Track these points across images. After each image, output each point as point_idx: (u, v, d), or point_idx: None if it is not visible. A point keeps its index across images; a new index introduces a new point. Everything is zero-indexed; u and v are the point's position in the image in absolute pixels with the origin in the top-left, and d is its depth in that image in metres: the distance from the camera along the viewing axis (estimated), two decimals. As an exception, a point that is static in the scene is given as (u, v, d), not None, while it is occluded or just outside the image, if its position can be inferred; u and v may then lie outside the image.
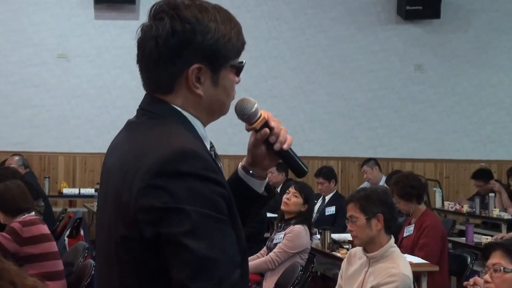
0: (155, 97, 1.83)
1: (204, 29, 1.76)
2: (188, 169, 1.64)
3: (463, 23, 12.09)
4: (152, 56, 1.79)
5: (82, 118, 11.13)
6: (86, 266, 5.32)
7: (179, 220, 1.61)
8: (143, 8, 11.27)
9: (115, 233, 1.73)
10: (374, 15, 11.87)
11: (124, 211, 1.68)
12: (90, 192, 10.17)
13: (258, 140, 1.93)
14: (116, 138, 1.92)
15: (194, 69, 1.76)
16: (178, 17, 1.76)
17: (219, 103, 1.83)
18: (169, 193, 1.62)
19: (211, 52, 1.76)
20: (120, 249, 1.72)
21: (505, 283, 3.14)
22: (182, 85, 1.79)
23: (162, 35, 1.76)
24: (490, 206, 8.87)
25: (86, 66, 11.18)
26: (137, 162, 1.69)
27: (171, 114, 1.79)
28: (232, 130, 11.28)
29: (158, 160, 1.65)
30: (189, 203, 1.62)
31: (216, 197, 1.66)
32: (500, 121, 12.04)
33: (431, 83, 12.05)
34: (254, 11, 11.56)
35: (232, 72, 1.83)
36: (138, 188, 1.65)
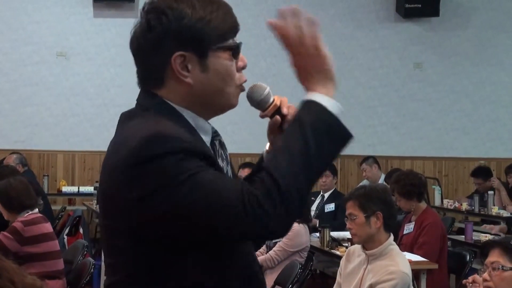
0: (147, 90, 1.85)
1: (178, 15, 1.76)
2: (158, 150, 1.66)
3: (462, 21, 12.09)
4: (138, 53, 1.84)
5: (81, 116, 11.13)
6: (85, 264, 5.32)
7: (171, 192, 1.65)
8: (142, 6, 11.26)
9: (105, 221, 1.81)
10: (373, 13, 11.87)
11: (110, 203, 1.75)
12: (89, 190, 10.17)
13: (272, 127, 1.90)
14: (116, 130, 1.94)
15: (176, 57, 1.76)
16: (153, 10, 1.79)
17: (214, 89, 1.80)
18: (150, 177, 1.66)
19: (190, 37, 1.75)
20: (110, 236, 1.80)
21: (503, 282, 3.14)
22: (171, 76, 1.79)
23: (141, 32, 1.81)
24: (489, 204, 8.87)
25: (85, 64, 11.18)
26: (115, 155, 1.74)
27: (157, 106, 1.80)
28: (231, 128, 11.28)
29: (130, 150, 1.68)
30: (170, 174, 1.65)
31: (194, 157, 1.68)
32: (500, 119, 12.04)
33: (430, 81, 12.06)
34: (253, 9, 11.56)
35: (225, 54, 1.80)
36: (121, 181, 1.69)
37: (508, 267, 3.12)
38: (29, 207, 5.17)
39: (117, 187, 1.71)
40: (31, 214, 5.15)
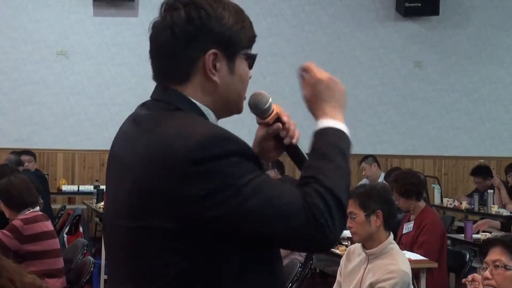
0: (169, 87, 1.81)
1: (218, 15, 1.77)
2: (221, 150, 1.66)
3: (462, 20, 12.09)
4: (168, 45, 1.79)
5: (81, 115, 11.13)
6: (85, 263, 5.32)
7: (236, 192, 1.64)
8: (142, 5, 11.27)
9: (136, 224, 1.71)
10: (373, 12, 11.87)
11: (158, 202, 1.67)
12: (89, 189, 10.17)
13: (270, 134, 1.93)
14: (123, 130, 1.89)
15: (211, 54, 1.77)
16: (194, 4, 1.78)
17: (236, 93, 1.83)
18: (210, 177, 1.64)
19: (226, 37, 1.78)
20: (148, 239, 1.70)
21: (506, 280, 3.10)
22: (198, 73, 1.79)
23: (177, 23, 1.77)
24: (489, 202, 8.86)
25: (86, 63, 11.18)
26: (165, 156, 1.67)
27: (188, 105, 1.79)
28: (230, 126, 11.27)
29: (190, 148, 1.65)
30: (235, 175, 1.65)
31: (250, 162, 1.70)
32: (500, 118, 12.05)
33: (430, 79, 12.06)
34: (253, 8, 11.54)
35: (246, 62, 1.84)
36: (177, 179, 1.65)
37: (511, 266, 3.09)
38: (30, 205, 5.17)
39: (172, 185, 1.65)
40: (32, 212, 5.15)
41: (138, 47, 11.27)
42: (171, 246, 1.68)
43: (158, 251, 1.69)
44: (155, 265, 1.70)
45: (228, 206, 1.64)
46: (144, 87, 12.94)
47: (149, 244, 1.70)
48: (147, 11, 11.29)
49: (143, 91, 11.77)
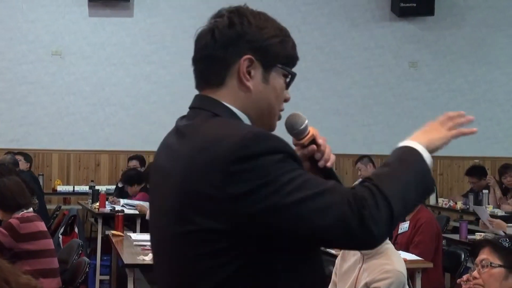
0: (205, 95, 1.87)
1: (260, 25, 1.85)
2: (261, 149, 1.69)
3: (457, 20, 12.10)
4: (208, 47, 1.86)
5: (76, 115, 11.12)
6: (80, 264, 5.32)
7: (277, 188, 1.66)
8: (138, 5, 11.27)
9: (185, 228, 1.74)
10: (368, 12, 11.88)
11: (206, 205, 1.70)
12: (84, 189, 10.16)
13: (304, 155, 1.94)
14: (166, 142, 1.94)
15: (246, 59, 1.82)
16: (238, 13, 1.87)
17: (268, 104, 1.86)
18: (253, 174, 1.66)
19: (263, 47, 1.83)
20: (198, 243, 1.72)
21: (491, 278, 3.18)
22: (233, 77, 1.83)
23: (219, 26, 1.85)
24: (484, 203, 8.88)
25: (81, 63, 11.17)
26: (207, 158, 1.71)
27: (224, 111, 1.83)
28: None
29: (230, 148, 1.68)
30: (275, 171, 1.67)
31: (292, 158, 1.73)
32: (495, 118, 12.06)
33: (425, 80, 12.07)
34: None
35: (283, 78, 1.88)
36: (221, 179, 1.68)
37: (497, 264, 3.16)
38: (23, 206, 5.16)
39: (217, 185, 1.68)
40: (26, 213, 5.15)
41: (134, 47, 11.27)
42: (221, 246, 1.71)
43: (209, 253, 1.72)
44: (206, 267, 1.73)
45: (271, 202, 1.66)
46: (139, 87, 13.01)
47: (199, 246, 1.72)
48: (142, 12, 11.29)
49: (138, 91, 11.83)
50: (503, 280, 3.17)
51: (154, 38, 11.31)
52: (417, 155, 1.81)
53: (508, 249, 3.19)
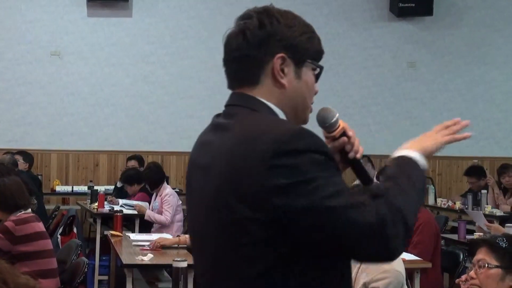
0: (242, 93, 1.92)
1: (289, 23, 1.93)
2: (304, 145, 1.74)
3: (456, 20, 12.11)
4: (240, 48, 1.91)
5: (75, 115, 11.12)
6: (79, 264, 5.31)
7: (314, 188, 1.71)
8: (136, 6, 11.26)
9: (226, 218, 1.79)
10: (367, 12, 11.88)
11: (246, 196, 1.75)
12: (83, 189, 10.16)
13: (336, 147, 2.00)
14: (203, 139, 1.98)
15: (279, 58, 1.88)
16: (266, 13, 1.93)
17: (302, 98, 1.94)
18: (294, 169, 1.72)
19: (293, 44, 1.90)
20: (239, 233, 1.78)
21: (489, 279, 3.18)
22: (268, 75, 1.90)
23: (250, 28, 1.91)
24: (483, 203, 8.88)
25: (80, 63, 11.17)
26: (249, 150, 1.76)
27: (262, 107, 1.89)
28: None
29: (273, 142, 1.73)
30: (315, 171, 1.72)
31: (331, 161, 1.79)
32: (493, 118, 12.07)
33: (424, 80, 12.08)
34: (248, 7, 11.55)
35: (312, 72, 1.96)
36: (262, 171, 1.73)
37: (494, 265, 3.15)
38: (22, 207, 5.15)
39: (259, 178, 1.73)
40: (23, 214, 5.14)
41: (132, 47, 11.27)
42: (260, 237, 1.76)
43: (249, 243, 1.77)
44: (246, 257, 1.78)
45: (306, 200, 1.71)
46: (137, 87, 12.99)
47: (240, 236, 1.78)
48: (141, 12, 11.28)
49: (136, 91, 11.79)
50: (500, 281, 3.16)
51: (152, 38, 11.31)
52: (417, 168, 1.90)
53: (505, 250, 3.18)
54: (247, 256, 1.78)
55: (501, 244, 3.19)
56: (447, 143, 2.04)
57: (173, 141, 11.27)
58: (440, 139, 2.03)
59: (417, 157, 1.92)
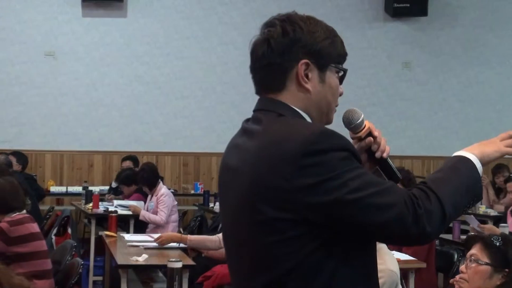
0: (269, 97, 1.99)
1: (311, 29, 1.99)
2: (329, 145, 1.82)
3: (450, 21, 12.13)
4: (265, 56, 1.98)
5: (69, 115, 11.10)
6: (73, 264, 5.31)
7: (342, 182, 1.79)
8: (131, 6, 11.25)
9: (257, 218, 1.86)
10: (362, 12, 11.89)
11: (275, 196, 1.82)
12: (77, 190, 10.15)
13: (362, 147, 2.08)
14: (234, 143, 2.05)
15: (303, 64, 1.95)
16: (289, 20, 2.01)
17: (326, 102, 2.02)
18: (321, 168, 1.79)
19: (316, 49, 1.97)
20: (268, 232, 1.85)
21: (477, 275, 3.21)
22: (293, 81, 1.96)
23: (274, 36, 1.98)
24: (477, 203, 8.89)
25: (74, 64, 11.15)
26: (276, 152, 1.83)
27: (289, 111, 1.96)
28: (220, 127, 11.28)
29: (300, 143, 1.81)
30: (341, 167, 1.80)
31: (356, 158, 1.87)
32: (487, 118, 12.09)
33: (418, 80, 12.09)
34: (243, 9, 11.56)
35: (336, 75, 2.04)
36: (290, 172, 1.80)
37: (484, 262, 3.18)
38: (16, 208, 5.14)
39: (287, 178, 1.80)
40: (18, 215, 5.13)
41: (127, 48, 11.26)
42: (292, 234, 1.83)
43: (280, 240, 1.84)
44: (279, 254, 1.85)
45: (335, 196, 1.78)
46: (132, 87, 12.96)
47: (271, 235, 1.85)
48: (136, 12, 11.27)
49: (131, 92, 11.77)
50: (487, 278, 3.19)
51: (147, 38, 11.30)
52: (469, 164, 1.95)
53: (498, 248, 3.21)
54: (276, 253, 1.85)
55: (495, 243, 3.22)
56: (509, 153, 2.07)
57: (168, 141, 11.26)
58: (502, 148, 2.05)
59: (473, 158, 1.97)
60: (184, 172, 11.40)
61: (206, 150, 11.28)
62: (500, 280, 3.18)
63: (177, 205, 8.56)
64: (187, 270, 5.22)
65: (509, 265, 3.18)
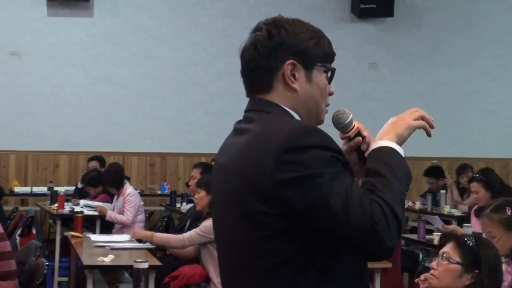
0: (259, 98, 2.05)
1: (296, 31, 2.04)
2: (310, 142, 1.86)
3: (416, 22, 12.23)
4: (253, 60, 2.04)
5: (35, 115, 11.00)
6: (38, 265, 5.26)
7: (318, 183, 1.81)
8: (98, 5, 11.18)
9: (242, 212, 1.91)
10: (328, 13, 11.94)
11: (259, 190, 1.86)
12: (42, 190, 10.06)
13: (352, 147, 2.13)
14: (227, 143, 2.10)
15: (289, 64, 2.00)
16: (274, 24, 2.06)
17: (315, 101, 2.06)
18: (301, 164, 1.83)
19: (301, 50, 2.02)
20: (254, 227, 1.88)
21: (447, 273, 3.23)
22: (280, 81, 2.02)
23: (260, 39, 2.03)
24: (441, 203, 8.98)
25: (40, 63, 11.06)
26: (261, 148, 1.88)
27: (276, 109, 2.01)
28: (188, 127, 11.26)
29: (283, 139, 1.85)
30: (320, 167, 1.83)
31: (337, 158, 1.89)
32: (453, 119, 12.20)
33: (385, 81, 12.18)
34: (210, 9, 11.55)
35: (324, 74, 2.09)
36: (271, 167, 1.84)
37: (455, 261, 3.20)
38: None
39: (267, 172, 1.84)
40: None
41: (94, 47, 11.19)
42: (275, 230, 1.86)
43: (264, 236, 1.87)
44: (262, 249, 1.88)
45: (310, 196, 1.81)
46: (99, 87, 12.87)
47: (255, 229, 1.88)
48: (102, 12, 11.21)
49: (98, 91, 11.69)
50: (457, 277, 3.21)
51: (115, 38, 11.24)
52: (398, 156, 2.00)
53: (470, 249, 3.22)
54: (263, 249, 1.88)
55: (468, 243, 3.24)
56: (418, 127, 2.13)
57: (135, 141, 11.21)
58: (412, 123, 2.11)
59: (395, 146, 2.01)
60: (151, 173, 11.36)
61: (173, 150, 11.25)
62: (469, 280, 3.19)
63: (144, 206, 8.52)
64: (154, 271, 5.20)
65: (479, 266, 3.18)
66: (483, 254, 3.20)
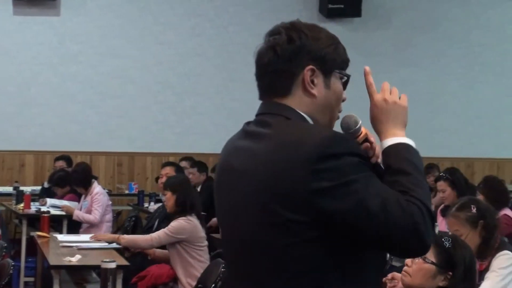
0: (274, 101, 2.03)
1: (316, 36, 2.04)
2: (342, 149, 1.88)
3: (383, 22, 12.32)
4: (272, 63, 2.03)
5: (1, 115, 10.89)
6: (4, 265, 5.22)
7: (354, 189, 1.84)
8: (65, 4, 11.11)
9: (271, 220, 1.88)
10: (296, 13, 11.95)
11: (288, 198, 1.85)
12: (8, 190, 9.97)
13: None
14: (236, 145, 2.06)
15: (309, 70, 2.01)
16: (294, 28, 2.04)
17: (331, 106, 2.08)
18: (335, 172, 1.84)
19: (322, 56, 2.03)
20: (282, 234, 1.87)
21: (420, 272, 3.23)
22: (298, 86, 2.02)
23: (280, 43, 2.02)
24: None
25: (6, 62, 10.95)
26: (289, 155, 1.87)
27: (294, 114, 2.00)
28: (156, 127, 11.23)
29: (313, 147, 1.85)
30: (353, 173, 1.85)
31: (364, 162, 1.93)
32: (419, 119, 12.30)
33: (352, 81, 12.22)
34: (177, 8, 11.52)
35: (340, 80, 2.11)
36: (303, 175, 1.84)
37: (430, 261, 3.19)
38: None
39: (301, 181, 1.84)
40: None
41: (60, 46, 11.12)
42: (305, 237, 1.86)
43: (294, 243, 1.87)
44: (293, 256, 1.88)
45: (348, 201, 1.84)
46: (66, 87, 12.77)
47: (285, 237, 1.87)
48: (69, 11, 11.13)
49: (65, 91, 11.62)
50: (430, 277, 3.20)
51: (81, 37, 11.17)
52: (414, 152, 2.07)
53: (446, 250, 3.21)
54: (291, 255, 1.88)
55: (445, 244, 3.23)
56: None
57: (102, 141, 11.15)
58: (405, 104, 2.23)
59: (409, 141, 2.09)
60: (118, 172, 11.31)
61: (141, 150, 11.21)
62: (442, 282, 3.19)
63: (112, 205, 8.49)
64: (121, 271, 5.19)
65: (453, 268, 3.18)
66: (458, 256, 3.20)
